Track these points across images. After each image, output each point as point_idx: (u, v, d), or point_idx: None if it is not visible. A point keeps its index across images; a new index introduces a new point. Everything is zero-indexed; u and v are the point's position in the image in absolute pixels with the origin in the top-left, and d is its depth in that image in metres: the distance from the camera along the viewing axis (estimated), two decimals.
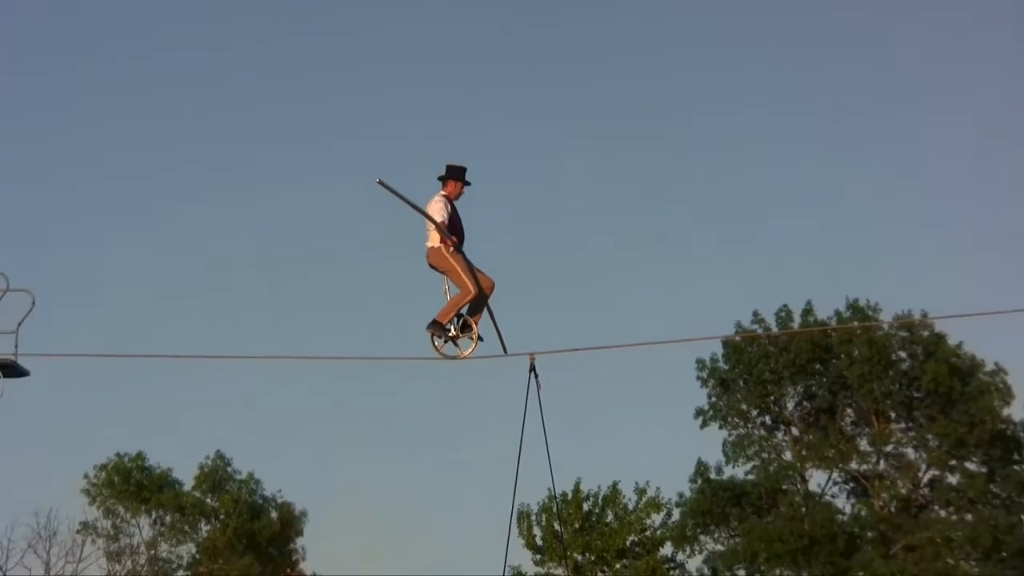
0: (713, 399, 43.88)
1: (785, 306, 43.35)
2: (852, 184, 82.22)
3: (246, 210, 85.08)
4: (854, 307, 42.66)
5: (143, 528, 43.95)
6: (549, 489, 39.17)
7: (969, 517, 41.82)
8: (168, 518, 44.00)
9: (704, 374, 43.91)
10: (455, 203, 15.39)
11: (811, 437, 43.38)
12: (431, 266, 15.46)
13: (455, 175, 15.38)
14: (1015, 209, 76.65)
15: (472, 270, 15.41)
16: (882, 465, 43.23)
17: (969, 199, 78.64)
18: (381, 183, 14.81)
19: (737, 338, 42.72)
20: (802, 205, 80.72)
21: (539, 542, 43.83)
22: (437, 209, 15.18)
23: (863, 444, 43.41)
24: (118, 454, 44.12)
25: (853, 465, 43.40)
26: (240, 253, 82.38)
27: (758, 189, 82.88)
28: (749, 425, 43.86)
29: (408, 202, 15.10)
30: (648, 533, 44.15)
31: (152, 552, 43.88)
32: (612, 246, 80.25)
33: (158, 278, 79.74)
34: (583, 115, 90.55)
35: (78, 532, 42.78)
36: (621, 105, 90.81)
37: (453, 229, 15.28)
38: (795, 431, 43.98)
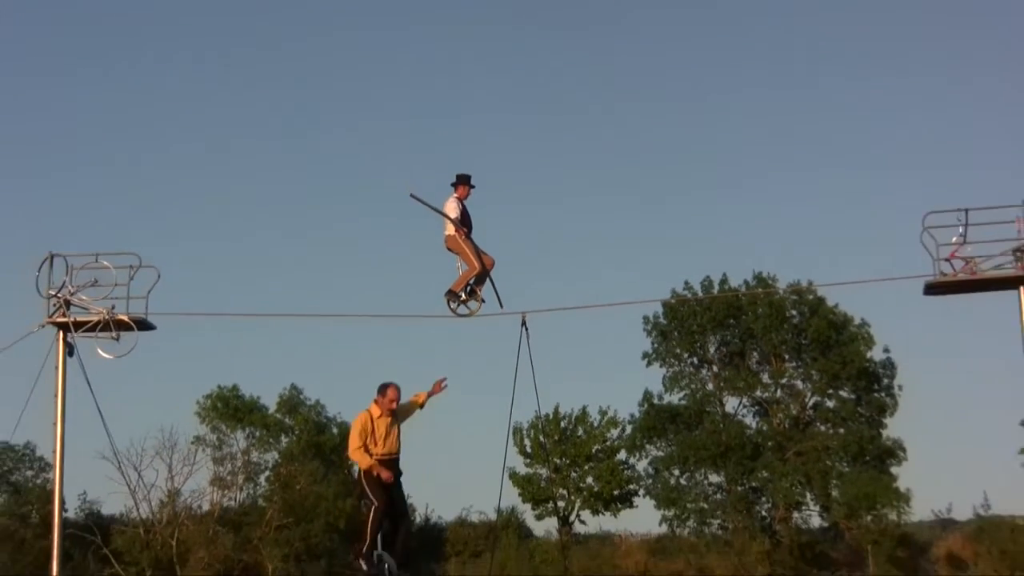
0: (655, 345, 44.02)
1: (707, 277, 43.45)
2: (757, 175, 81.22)
3: (316, 198, 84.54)
4: (759, 278, 42.80)
5: (239, 440, 44.05)
6: (536, 411, 39.22)
7: (842, 431, 42.16)
8: (257, 433, 44.13)
9: (649, 327, 44.04)
10: (464, 202, 15.50)
11: (727, 373, 43.56)
12: (448, 249, 15.62)
13: (463, 181, 15.55)
14: (876, 196, 76.38)
15: (478, 252, 15.55)
16: (778, 393, 43.50)
17: (846, 187, 78.21)
18: (413, 196, 15.01)
19: (672, 300, 42.82)
20: (720, 194, 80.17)
21: (528, 450, 44.01)
22: (451, 207, 15.35)
23: (765, 378, 43.61)
24: (219, 386, 44.14)
25: (757, 393, 43.59)
26: (307, 230, 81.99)
27: (691, 178, 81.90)
28: (681, 364, 44.00)
29: (433, 208, 15.26)
30: (608, 443, 44.31)
31: (246, 458, 44.01)
32: (585, 232, 79.94)
33: (248, 248, 79.38)
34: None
35: (192, 443, 42.82)
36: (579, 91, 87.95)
37: (463, 221, 15.43)
38: (715, 368, 44.10)
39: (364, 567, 13.48)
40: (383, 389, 14.02)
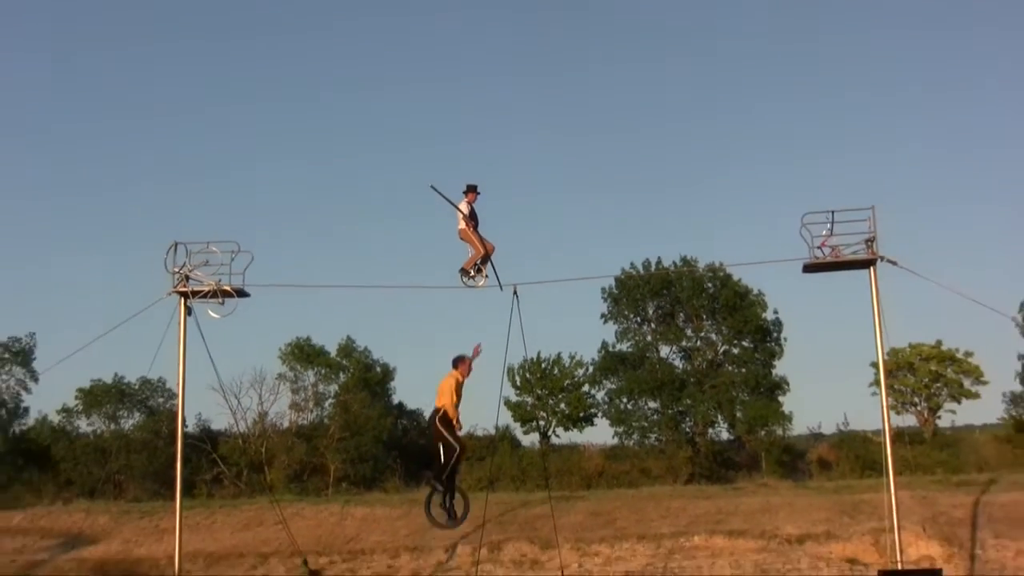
0: (610, 308, 43.93)
1: (647, 259, 43.45)
2: (683, 183, 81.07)
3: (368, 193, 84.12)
4: (684, 259, 42.66)
5: (310, 376, 44.10)
6: (524, 355, 39.50)
7: (743, 370, 42.26)
8: (322, 371, 44.17)
9: (605, 295, 44.01)
10: (473, 204, 15.54)
11: (661, 328, 43.60)
12: (460, 238, 15.66)
13: (472, 189, 15.57)
14: (768, 200, 76.33)
15: (482, 240, 15.63)
16: (698, 343, 43.48)
17: (748, 195, 78.11)
18: (433, 188, 14.98)
19: (622, 276, 42.87)
20: (656, 199, 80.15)
21: (518, 384, 44.05)
22: (463, 206, 15.36)
23: (688, 332, 43.64)
24: (297, 337, 44.20)
25: (683, 343, 43.63)
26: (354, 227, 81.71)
27: (635, 186, 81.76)
28: (628, 322, 43.94)
29: (449, 200, 15.26)
30: (575, 379, 44.32)
31: (314, 389, 44.10)
32: (563, 226, 79.74)
33: (319, 236, 79.22)
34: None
35: (275, 379, 42.93)
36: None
37: (472, 217, 15.46)
38: (653, 325, 44.09)
39: (439, 487, 14.12)
40: (463, 359, 14.24)
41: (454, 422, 13.79)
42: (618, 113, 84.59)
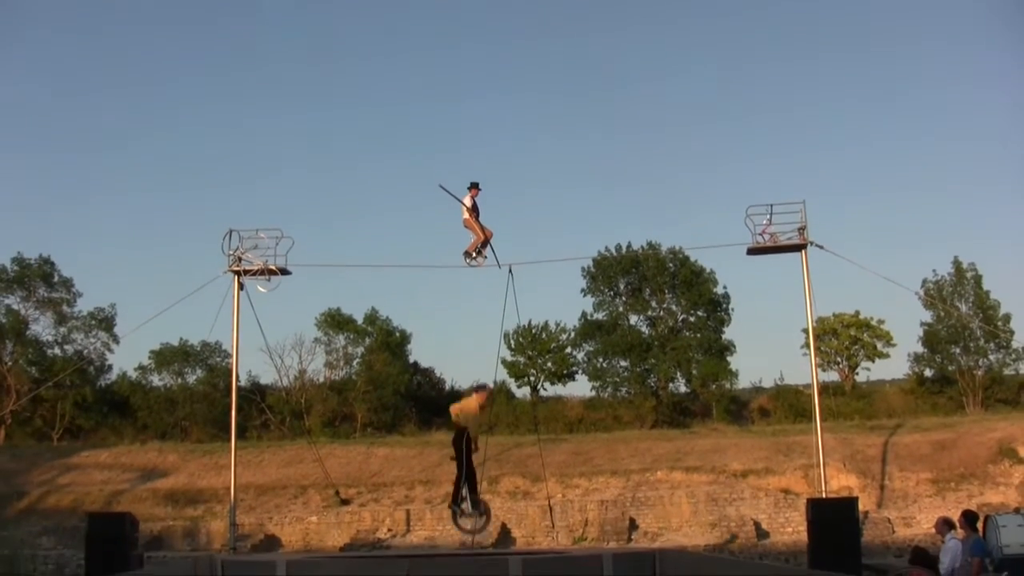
0: (588, 283, 43.55)
1: (619, 243, 43.20)
2: (647, 180, 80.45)
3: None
4: (650, 243, 42.43)
5: (341, 340, 44.04)
6: (517, 323, 39.58)
7: (698, 335, 42.08)
8: (351, 336, 44.11)
9: (585, 273, 43.72)
10: (475, 198, 15.47)
11: (631, 300, 43.31)
12: (464, 226, 15.61)
13: (474, 186, 15.46)
14: (718, 195, 75.81)
15: (482, 227, 15.57)
16: (661, 313, 43.19)
17: (700, 193, 77.64)
18: (442, 187, 14.87)
19: (598, 257, 42.66)
20: (624, 196, 79.66)
21: (513, 346, 43.88)
22: (467, 200, 15.28)
23: (653, 303, 43.28)
24: (329, 308, 44.11)
25: (649, 313, 43.29)
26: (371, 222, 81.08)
27: (606, 186, 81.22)
28: (604, 295, 43.50)
29: (454, 196, 15.17)
30: (560, 342, 44.14)
31: (345, 351, 44.07)
32: (550, 216, 79.33)
33: (348, 224, 78.70)
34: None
35: (313, 342, 42.89)
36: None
37: (474, 209, 15.40)
38: (624, 298, 43.81)
39: (461, 511, 11.38)
40: (485, 389, 12.08)
41: (474, 443, 11.54)
42: (599, 121, 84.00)
